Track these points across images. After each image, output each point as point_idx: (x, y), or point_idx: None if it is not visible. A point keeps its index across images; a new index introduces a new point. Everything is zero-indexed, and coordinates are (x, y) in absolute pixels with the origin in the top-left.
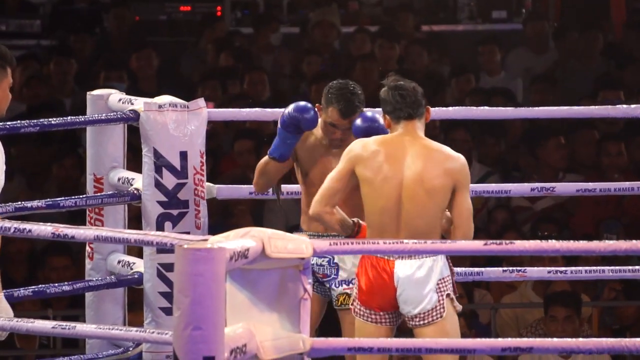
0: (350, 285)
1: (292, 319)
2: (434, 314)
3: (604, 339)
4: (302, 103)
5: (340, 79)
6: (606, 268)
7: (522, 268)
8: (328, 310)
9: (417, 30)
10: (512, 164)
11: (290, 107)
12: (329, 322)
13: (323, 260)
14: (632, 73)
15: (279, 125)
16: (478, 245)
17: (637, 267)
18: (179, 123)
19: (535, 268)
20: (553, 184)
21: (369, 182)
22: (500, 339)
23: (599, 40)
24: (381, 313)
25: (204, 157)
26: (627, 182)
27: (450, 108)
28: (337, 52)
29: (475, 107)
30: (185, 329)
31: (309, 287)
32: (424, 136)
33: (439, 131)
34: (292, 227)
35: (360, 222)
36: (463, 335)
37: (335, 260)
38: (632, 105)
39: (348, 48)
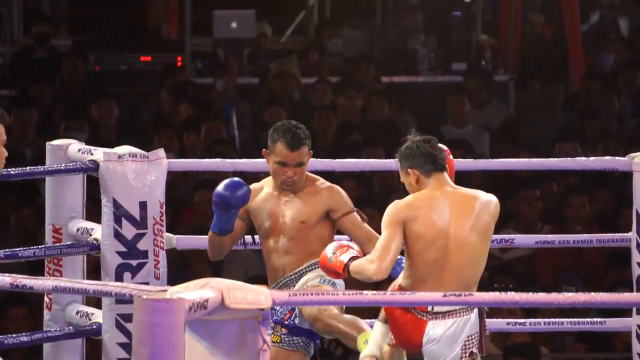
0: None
1: None
2: None
3: None
4: (235, 179)
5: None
6: (565, 320)
7: None
8: None
9: (377, 81)
10: None
11: (220, 186)
12: None
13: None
14: (592, 125)
15: (213, 205)
16: (437, 297)
17: (596, 319)
18: (139, 173)
19: (494, 319)
20: (513, 236)
21: (421, 237)
22: None
23: (560, 93)
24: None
25: (164, 208)
26: (586, 235)
27: None
28: (297, 103)
29: None
30: None
31: (267, 339)
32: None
33: (398, 182)
34: (252, 278)
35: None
36: None
37: None
38: (591, 158)
39: (309, 98)
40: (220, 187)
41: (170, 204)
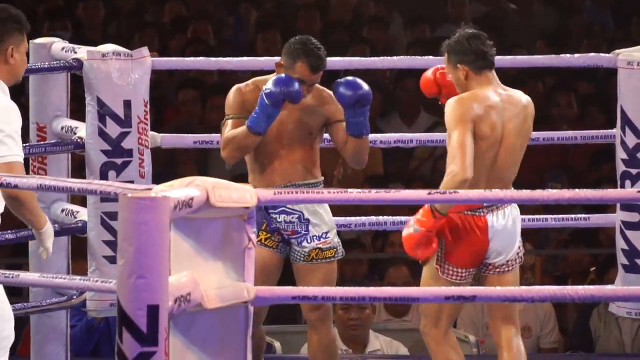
0: (322, 240)
1: (237, 268)
2: (517, 259)
3: (546, 287)
4: (283, 76)
5: (301, 36)
6: (549, 217)
7: None
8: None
9: None
10: None
11: (276, 83)
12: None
13: (293, 217)
14: (576, 23)
15: (265, 101)
16: (422, 194)
17: (580, 215)
18: (123, 72)
19: None
20: None
21: (485, 138)
22: (443, 287)
23: None
24: (470, 269)
25: (148, 106)
26: (570, 132)
27: (395, 57)
28: (282, 0)
29: (420, 57)
30: (129, 277)
31: (253, 237)
32: None
33: (390, 80)
34: (237, 177)
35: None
36: (407, 284)
37: (306, 216)
38: (576, 55)
39: None
40: (277, 85)
41: (155, 102)
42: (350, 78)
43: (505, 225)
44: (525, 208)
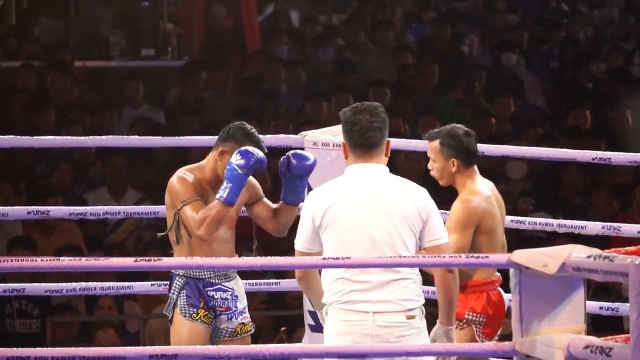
0: (244, 315)
1: None
2: None
3: (241, 346)
4: (247, 148)
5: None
6: (245, 281)
7: (166, 282)
8: None
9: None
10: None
11: (244, 153)
12: None
13: (227, 294)
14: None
15: (239, 172)
16: (129, 262)
17: (272, 280)
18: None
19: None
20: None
21: (492, 231)
22: (140, 347)
23: (230, 76)
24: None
25: None
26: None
27: (104, 137)
28: None
29: (126, 137)
30: None
31: None
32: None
33: (95, 158)
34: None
35: None
36: (113, 345)
37: (236, 293)
38: (267, 135)
39: (12, 82)
40: (246, 153)
41: None
42: (299, 151)
43: None
44: None
